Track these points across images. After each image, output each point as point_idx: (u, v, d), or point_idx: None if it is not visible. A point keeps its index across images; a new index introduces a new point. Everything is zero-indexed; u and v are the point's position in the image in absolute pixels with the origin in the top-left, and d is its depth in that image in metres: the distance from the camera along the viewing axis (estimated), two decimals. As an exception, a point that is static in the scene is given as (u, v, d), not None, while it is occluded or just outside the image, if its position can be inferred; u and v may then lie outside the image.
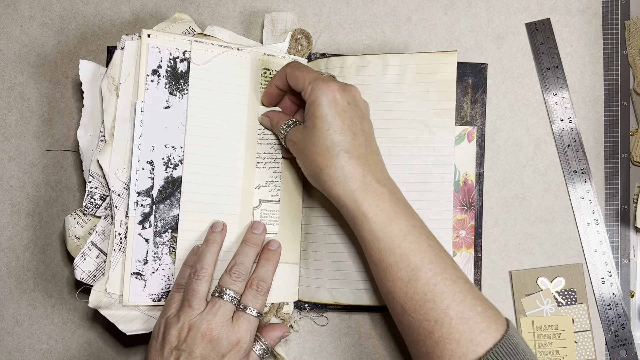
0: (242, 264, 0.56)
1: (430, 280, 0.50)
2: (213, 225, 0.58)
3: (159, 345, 0.53)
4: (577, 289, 0.63)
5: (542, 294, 0.63)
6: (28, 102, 0.65)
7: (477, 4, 0.66)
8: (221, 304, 0.54)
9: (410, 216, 0.53)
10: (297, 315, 0.63)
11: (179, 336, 0.52)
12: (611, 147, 0.65)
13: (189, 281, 0.54)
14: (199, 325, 0.52)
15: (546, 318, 0.62)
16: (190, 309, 0.53)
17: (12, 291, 0.63)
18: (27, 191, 0.64)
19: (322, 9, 0.66)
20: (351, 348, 0.64)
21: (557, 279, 0.63)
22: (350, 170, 0.52)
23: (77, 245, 0.59)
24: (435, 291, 0.50)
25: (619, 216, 0.65)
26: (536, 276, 0.63)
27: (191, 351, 0.52)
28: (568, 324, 0.62)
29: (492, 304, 0.51)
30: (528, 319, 0.63)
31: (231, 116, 0.60)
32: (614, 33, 0.66)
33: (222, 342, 0.52)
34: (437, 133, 0.61)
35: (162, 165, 0.59)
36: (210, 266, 0.55)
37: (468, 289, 0.50)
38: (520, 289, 0.63)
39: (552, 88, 0.65)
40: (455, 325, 0.49)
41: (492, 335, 0.48)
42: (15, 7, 0.65)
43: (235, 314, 0.54)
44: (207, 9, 0.66)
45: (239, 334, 0.53)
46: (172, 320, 0.53)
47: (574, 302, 0.63)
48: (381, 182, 0.53)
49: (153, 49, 0.59)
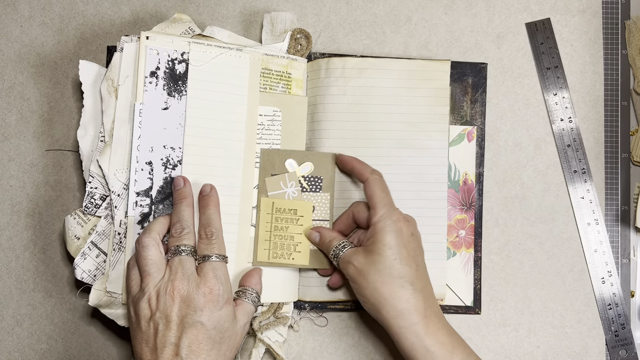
0: (179, 221, 0.55)
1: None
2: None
3: (135, 324, 0.53)
4: (325, 177, 0.61)
5: (287, 175, 0.61)
6: (28, 102, 0.65)
7: (477, 4, 0.66)
8: (178, 260, 0.53)
9: (464, 345, 0.54)
10: (297, 316, 0.63)
11: (150, 306, 0.52)
12: (611, 147, 0.65)
13: (137, 253, 0.54)
14: (165, 288, 0.52)
15: (287, 201, 0.61)
16: (150, 276, 0.52)
17: (12, 291, 0.64)
18: (27, 191, 0.64)
19: (322, 9, 0.66)
20: (351, 348, 0.64)
21: (306, 163, 0.61)
22: (414, 304, 0.53)
23: (77, 246, 0.59)
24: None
25: (619, 216, 0.65)
26: (286, 157, 0.61)
27: (167, 315, 0.51)
28: (308, 210, 0.61)
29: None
30: (269, 200, 0.61)
31: (230, 116, 0.60)
32: (614, 33, 0.66)
33: (194, 296, 0.52)
34: (432, 136, 0.63)
35: (161, 165, 0.59)
36: (154, 231, 0.54)
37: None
38: (267, 168, 0.61)
39: (552, 88, 0.65)
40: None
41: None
42: (15, 7, 0.65)
43: (199, 267, 0.54)
44: (207, 9, 0.66)
45: (208, 283, 0.52)
46: (138, 296, 0.53)
47: (318, 189, 0.61)
48: (437, 315, 0.54)
49: (151, 50, 0.59)
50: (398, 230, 0.54)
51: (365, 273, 0.54)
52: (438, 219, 0.62)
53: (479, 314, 0.63)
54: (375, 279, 0.53)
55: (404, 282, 0.53)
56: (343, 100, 0.62)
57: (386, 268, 0.53)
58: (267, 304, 0.61)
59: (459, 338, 0.54)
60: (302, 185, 0.61)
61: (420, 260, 0.55)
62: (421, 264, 0.55)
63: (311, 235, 0.60)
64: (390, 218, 0.55)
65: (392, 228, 0.54)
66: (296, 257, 0.61)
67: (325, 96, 0.63)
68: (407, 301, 0.53)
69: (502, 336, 0.64)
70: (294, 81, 0.63)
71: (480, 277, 0.63)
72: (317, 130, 0.63)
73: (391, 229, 0.54)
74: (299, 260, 0.61)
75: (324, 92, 0.63)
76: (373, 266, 0.54)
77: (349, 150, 0.62)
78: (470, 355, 0.53)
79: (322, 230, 0.60)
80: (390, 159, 0.62)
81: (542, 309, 0.64)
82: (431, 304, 0.54)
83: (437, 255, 0.62)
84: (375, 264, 0.54)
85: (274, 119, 0.62)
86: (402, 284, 0.53)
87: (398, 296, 0.53)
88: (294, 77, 0.63)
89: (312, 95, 0.63)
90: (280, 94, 0.63)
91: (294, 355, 0.64)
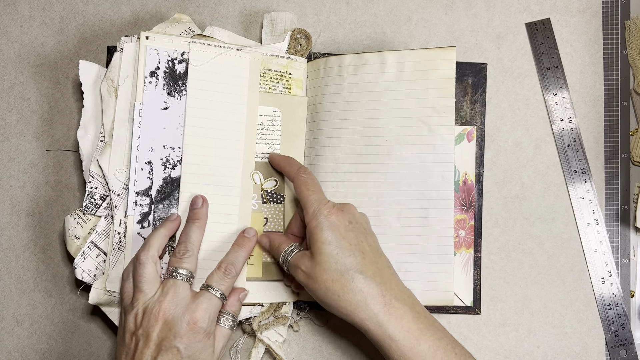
0: (186, 242, 0.56)
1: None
2: (170, 215, 0.59)
3: (121, 333, 0.54)
4: (287, 196, 0.62)
5: (252, 187, 0.61)
6: (28, 102, 0.65)
7: (477, 4, 0.66)
8: (172, 283, 0.53)
9: (433, 329, 0.52)
10: (297, 316, 0.63)
11: (135, 321, 0.52)
12: (611, 147, 0.65)
13: (134, 268, 0.54)
14: (152, 308, 0.52)
15: None
16: (142, 293, 0.53)
17: (12, 291, 0.64)
18: (27, 191, 0.64)
19: (322, 9, 0.66)
20: (351, 348, 0.64)
21: (271, 179, 0.61)
22: (368, 292, 0.51)
23: (77, 245, 0.59)
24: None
25: (619, 216, 0.65)
26: (254, 170, 0.61)
27: (148, 334, 0.51)
28: (259, 222, 0.61)
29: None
30: None
31: (230, 116, 0.60)
32: (614, 33, 0.66)
33: (177, 322, 0.52)
34: (436, 131, 0.60)
35: (160, 165, 0.59)
36: (153, 248, 0.55)
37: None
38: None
39: (552, 88, 0.65)
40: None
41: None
42: (15, 7, 0.65)
43: (197, 293, 0.54)
44: (207, 9, 0.66)
45: (196, 314, 0.52)
46: (127, 308, 0.54)
47: (279, 202, 0.61)
48: (399, 299, 0.52)
49: (151, 50, 0.59)
50: (331, 224, 0.53)
51: (313, 275, 0.53)
52: (444, 220, 0.60)
53: (478, 314, 0.63)
54: (324, 278, 0.52)
55: (352, 273, 0.52)
56: (340, 98, 0.62)
57: (331, 265, 0.52)
58: (267, 304, 0.61)
59: (428, 321, 0.52)
60: (263, 198, 0.62)
61: (366, 247, 0.54)
62: (369, 250, 0.54)
63: (261, 240, 0.60)
64: (322, 214, 0.53)
65: (325, 224, 0.53)
66: (249, 270, 0.60)
67: (325, 96, 0.62)
68: (360, 292, 0.51)
69: (502, 336, 0.64)
70: (293, 81, 0.63)
71: (480, 277, 0.63)
72: (317, 130, 0.63)
73: (324, 225, 0.53)
74: (251, 273, 0.60)
75: (323, 91, 0.63)
76: (319, 266, 0.53)
77: (348, 150, 0.61)
78: (440, 339, 0.52)
79: (271, 236, 0.59)
80: (390, 157, 0.61)
81: (542, 309, 0.64)
82: (390, 288, 0.52)
83: (442, 259, 0.60)
84: (320, 264, 0.53)
85: (273, 119, 0.62)
86: (350, 276, 0.52)
87: (350, 289, 0.52)
88: (293, 77, 0.63)
89: (312, 95, 0.63)
90: (280, 94, 0.63)
91: (294, 355, 0.64)
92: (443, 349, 0.51)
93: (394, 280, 0.54)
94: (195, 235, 0.57)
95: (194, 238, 0.56)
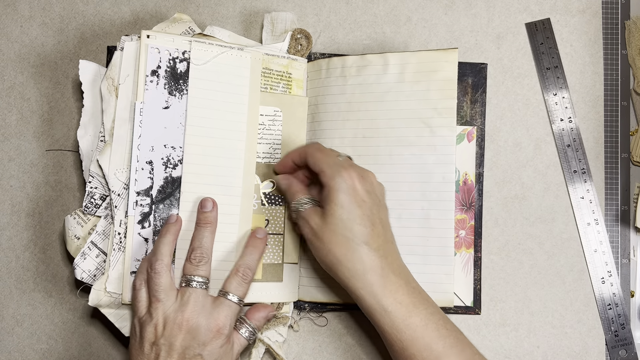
0: (200, 247, 0.56)
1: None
2: (169, 217, 0.58)
3: (137, 343, 0.53)
4: (283, 198, 0.61)
5: (254, 187, 0.61)
6: (28, 102, 0.65)
7: (477, 4, 0.66)
8: (190, 292, 0.54)
9: (427, 303, 0.53)
10: (297, 316, 0.63)
11: (156, 332, 0.52)
12: (611, 147, 0.65)
13: (149, 277, 0.54)
14: (174, 317, 0.52)
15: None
16: (160, 302, 0.53)
17: (12, 291, 0.64)
18: (27, 191, 0.64)
19: (322, 9, 0.66)
20: (351, 348, 0.64)
21: (268, 181, 0.61)
22: (369, 264, 0.52)
23: (77, 246, 0.59)
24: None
25: (619, 216, 0.65)
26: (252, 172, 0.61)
27: (171, 343, 0.52)
28: (261, 223, 0.61)
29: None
30: None
31: (231, 116, 0.60)
32: (614, 33, 0.66)
33: (201, 330, 0.52)
34: (438, 132, 0.60)
35: (161, 165, 0.59)
36: (166, 256, 0.55)
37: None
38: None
39: (552, 88, 0.65)
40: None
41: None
42: (15, 7, 0.65)
43: (216, 300, 0.55)
44: (207, 9, 0.66)
45: (219, 321, 0.53)
46: (145, 319, 0.53)
47: (278, 204, 0.61)
48: (396, 273, 0.53)
49: (152, 49, 0.59)
50: (351, 188, 0.53)
51: (320, 234, 0.53)
52: (444, 221, 0.60)
53: (478, 314, 0.63)
54: (329, 239, 0.53)
55: (358, 242, 0.52)
56: (343, 99, 0.62)
57: (339, 229, 0.52)
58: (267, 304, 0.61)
59: (422, 296, 0.53)
60: (262, 200, 0.62)
61: (376, 219, 0.53)
62: (378, 222, 0.53)
63: (281, 181, 0.60)
64: (341, 176, 0.53)
65: (344, 186, 0.52)
66: None
67: (326, 96, 0.62)
68: (360, 261, 0.52)
69: (502, 336, 0.64)
70: (294, 81, 0.63)
71: (480, 277, 0.63)
72: (318, 130, 0.63)
73: (342, 187, 0.52)
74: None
75: (324, 92, 0.63)
76: (327, 227, 0.53)
77: (349, 150, 0.61)
78: (433, 314, 0.52)
79: (292, 181, 0.59)
80: (392, 157, 0.61)
81: (542, 309, 0.64)
82: (390, 262, 0.53)
83: (443, 260, 0.60)
84: (329, 225, 0.53)
85: (274, 119, 0.62)
86: (356, 244, 0.52)
87: (352, 257, 0.52)
88: (294, 77, 0.63)
89: (313, 95, 0.63)
90: (281, 94, 0.63)
91: (294, 355, 0.64)
92: (435, 323, 0.52)
93: (395, 256, 0.54)
94: (209, 241, 0.57)
95: (208, 244, 0.57)
